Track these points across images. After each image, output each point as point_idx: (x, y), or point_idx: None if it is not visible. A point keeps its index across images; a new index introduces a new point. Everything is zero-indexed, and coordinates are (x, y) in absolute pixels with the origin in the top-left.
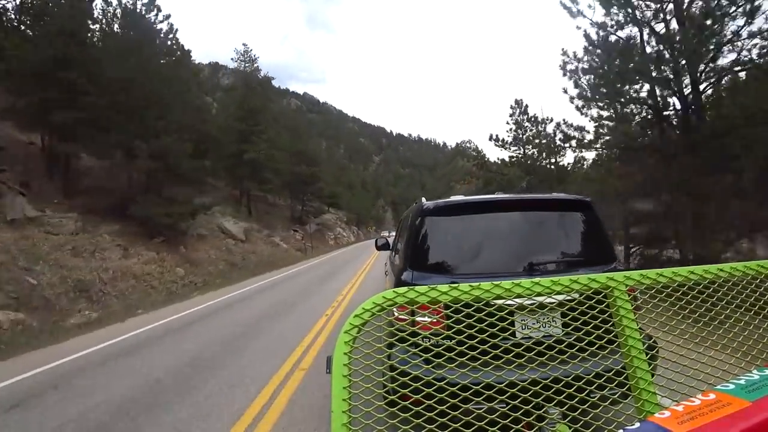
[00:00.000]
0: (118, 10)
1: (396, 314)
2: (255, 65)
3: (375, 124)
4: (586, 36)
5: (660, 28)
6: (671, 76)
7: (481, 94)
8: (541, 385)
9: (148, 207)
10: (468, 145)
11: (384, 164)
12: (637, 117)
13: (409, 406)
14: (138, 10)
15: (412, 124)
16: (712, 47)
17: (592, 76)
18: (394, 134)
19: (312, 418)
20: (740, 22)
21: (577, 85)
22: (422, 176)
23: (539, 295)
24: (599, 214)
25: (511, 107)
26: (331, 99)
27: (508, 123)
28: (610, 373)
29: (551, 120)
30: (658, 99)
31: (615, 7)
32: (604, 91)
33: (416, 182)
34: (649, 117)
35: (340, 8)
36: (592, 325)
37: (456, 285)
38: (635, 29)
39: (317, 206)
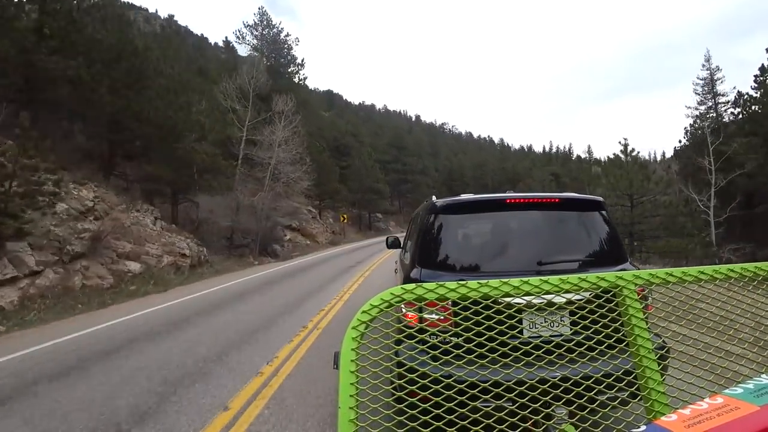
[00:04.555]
0: None
1: (404, 311)
2: None
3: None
4: None
5: None
6: None
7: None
8: (548, 384)
9: None
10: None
11: (336, 120)
12: None
13: (417, 402)
14: None
15: (382, 100)
16: None
17: None
18: (356, 103)
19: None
20: None
21: None
22: (400, 140)
23: (547, 293)
24: (610, 214)
25: None
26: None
27: None
28: (619, 373)
29: None
30: None
31: None
32: None
33: (387, 134)
34: None
35: None
36: (600, 324)
37: (464, 282)
38: None
39: None
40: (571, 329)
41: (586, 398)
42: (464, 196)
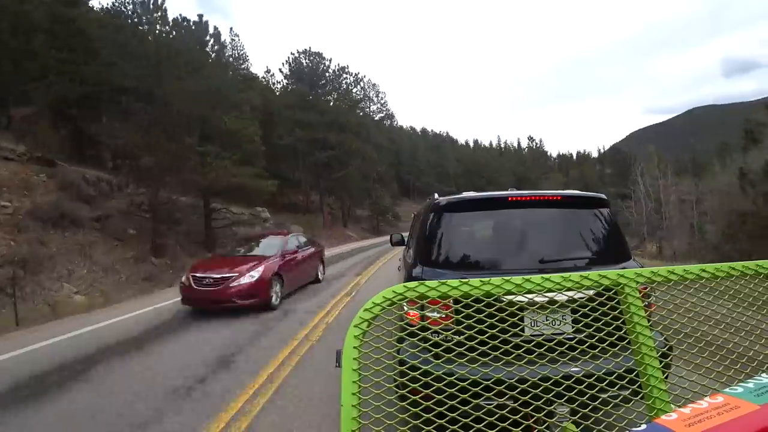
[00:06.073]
0: None
1: (406, 309)
2: None
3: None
4: None
5: None
6: None
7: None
8: (550, 382)
9: None
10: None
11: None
12: None
13: (419, 400)
14: None
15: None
16: None
17: None
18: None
19: None
20: None
21: None
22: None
23: (549, 291)
24: (613, 212)
25: None
26: None
27: None
28: (621, 371)
29: None
30: None
31: None
32: None
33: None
34: None
35: None
36: (602, 322)
37: (466, 280)
38: None
39: None
40: (572, 327)
41: (587, 396)
42: (466, 194)
